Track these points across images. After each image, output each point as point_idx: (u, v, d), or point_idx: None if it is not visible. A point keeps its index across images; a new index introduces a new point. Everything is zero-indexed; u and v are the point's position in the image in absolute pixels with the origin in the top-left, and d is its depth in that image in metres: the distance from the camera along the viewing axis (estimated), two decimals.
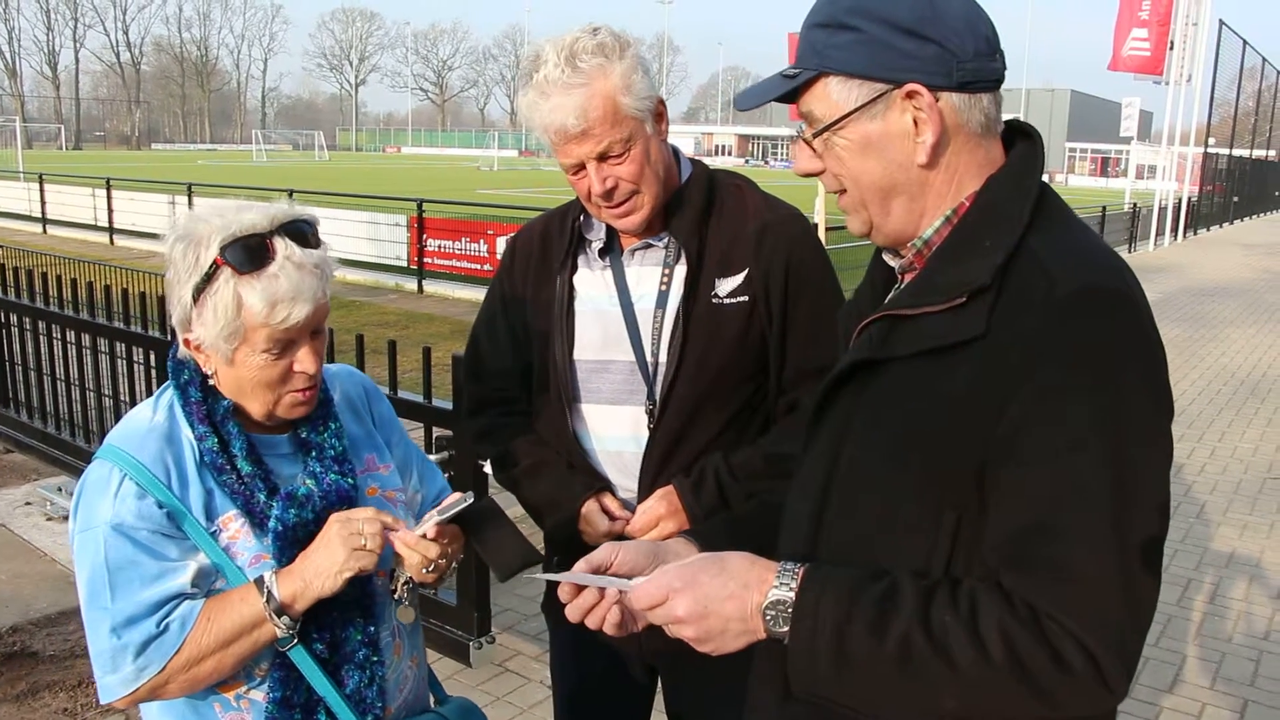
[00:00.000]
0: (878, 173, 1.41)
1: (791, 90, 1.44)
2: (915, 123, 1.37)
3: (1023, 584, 1.25)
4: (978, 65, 1.36)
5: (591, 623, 1.55)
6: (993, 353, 1.29)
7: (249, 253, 1.70)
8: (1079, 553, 1.23)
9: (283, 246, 1.72)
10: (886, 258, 1.54)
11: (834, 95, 1.40)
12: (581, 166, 2.06)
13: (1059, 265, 1.30)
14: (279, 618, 1.70)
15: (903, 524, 1.36)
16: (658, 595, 1.42)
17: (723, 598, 1.38)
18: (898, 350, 1.39)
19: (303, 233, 1.77)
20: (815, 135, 1.43)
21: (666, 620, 1.42)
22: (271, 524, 1.76)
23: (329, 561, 1.72)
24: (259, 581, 1.72)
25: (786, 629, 1.35)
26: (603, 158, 2.04)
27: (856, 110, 1.39)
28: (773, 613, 1.36)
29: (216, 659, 1.70)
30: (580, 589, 1.55)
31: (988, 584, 1.28)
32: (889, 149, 1.39)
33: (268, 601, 1.70)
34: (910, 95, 1.36)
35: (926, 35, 1.35)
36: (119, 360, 5.72)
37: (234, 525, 1.77)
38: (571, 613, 1.55)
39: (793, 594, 1.35)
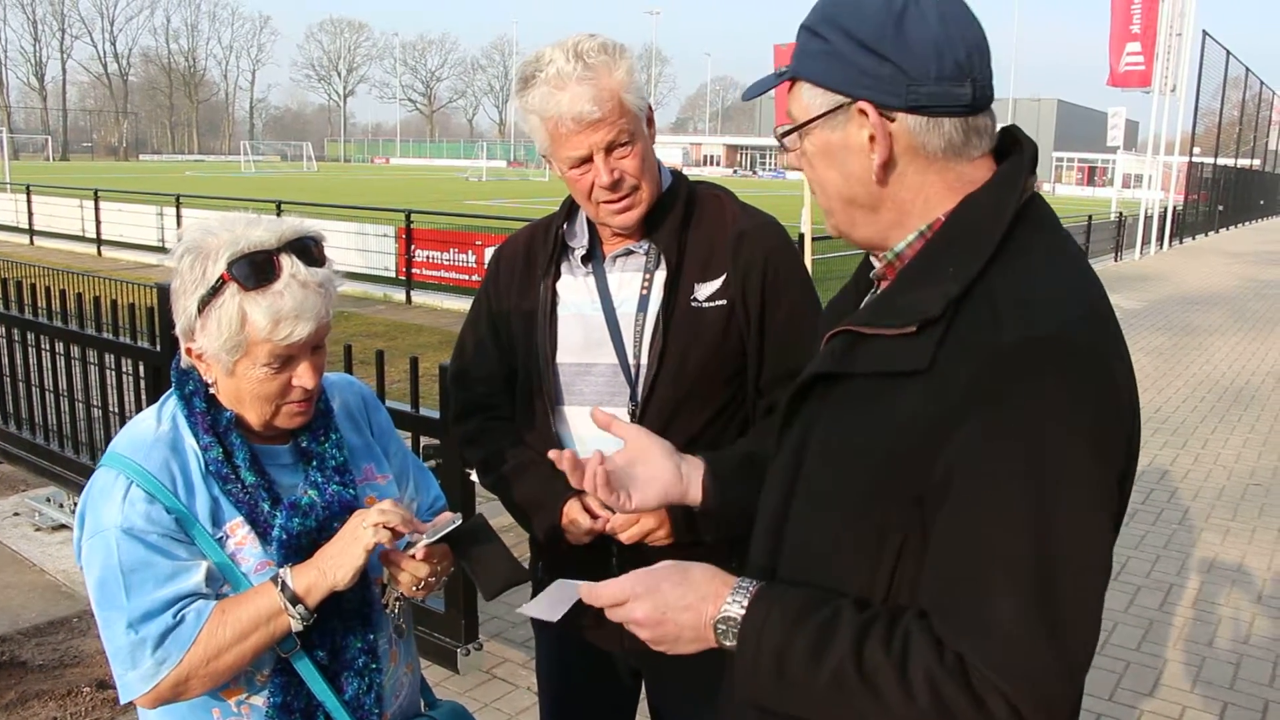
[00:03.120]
0: (838, 182, 1.43)
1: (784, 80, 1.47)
2: (871, 139, 1.37)
3: (950, 633, 1.26)
4: (937, 90, 1.33)
5: (589, 486, 1.84)
6: (934, 389, 1.28)
7: (256, 269, 1.72)
8: (1001, 606, 1.23)
9: (289, 264, 1.75)
10: (873, 259, 1.54)
11: (804, 99, 1.42)
12: (587, 160, 2.11)
13: (1010, 309, 1.28)
14: (294, 607, 1.73)
15: (852, 538, 1.38)
16: (619, 596, 1.48)
17: (680, 607, 1.43)
18: (855, 367, 1.39)
19: (308, 249, 1.79)
20: (785, 134, 1.45)
21: (624, 620, 1.48)
22: (276, 533, 1.79)
23: (347, 550, 1.75)
24: (274, 577, 1.76)
25: (734, 644, 1.40)
26: (610, 149, 2.10)
27: (819, 118, 1.40)
28: (723, 627, 1.41)
29: (236, 651, 1.72)
30: (580, 467, 1.84)
31: (923, 624, 1.29)
32: (847, 161, 1.40)
33: (282, 591, 1.73)
34: (862, 113, 1.36)
35: (883, 54, 1.33)
36: (108, 371, 5.72)
37: (240, 532, 1.81)
38: (575, 479, 1.85)
39: (743, 611, 1.39)
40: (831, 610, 1.34)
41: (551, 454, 1.91)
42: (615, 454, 1.91)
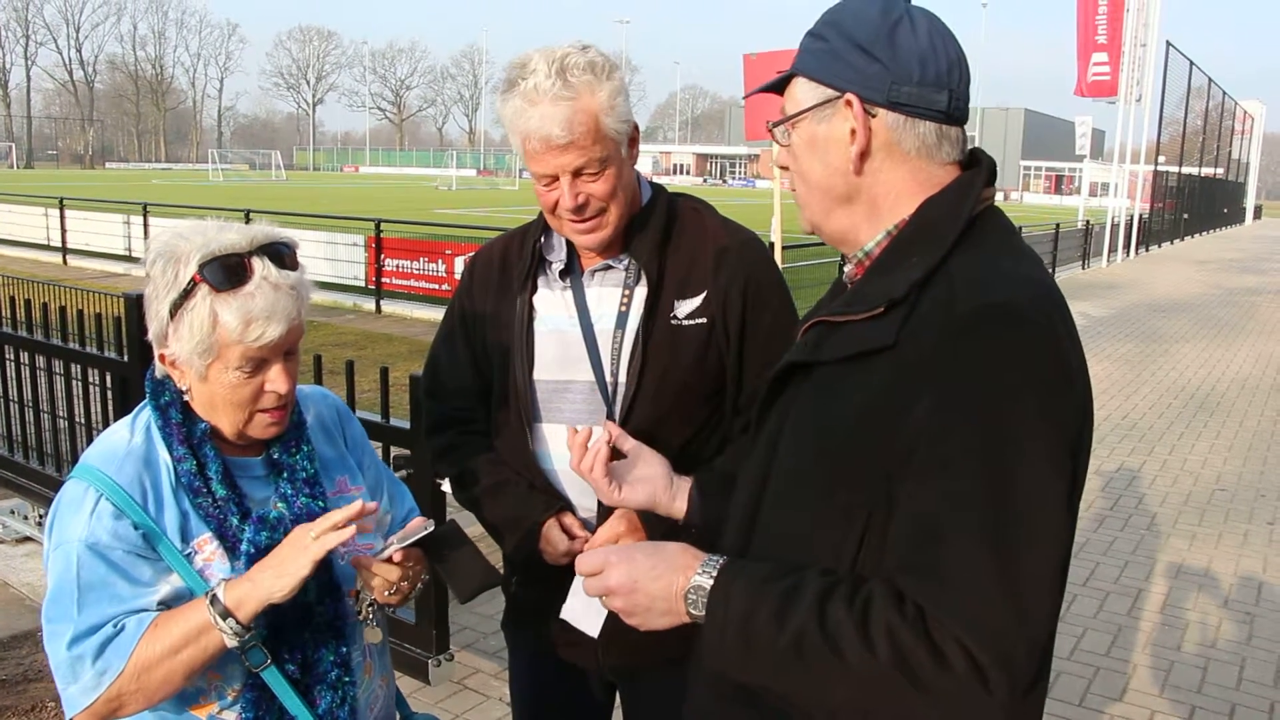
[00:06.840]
0: (818, 172, 1.55)
1: (780, 83, 1.60)
2: (853, 132, 1.49)
3: (913, 586, 1.33)
4: (918, 92, 1.47)
5: (585, 466, 1.99)
6: (898, 364, 1.39)
7: (227, 271, 1.73)
8: (959, 558, 1.30)
9: (260, 266, 1.75)
10: (845, 267, 1.64)
11: (798, 94, 1.55)
12: (555, 179, 2.07)
13: (965, 283, 1.40)
14: (224, 621, 1.69)
15: (821, 517, 1.46)
16: (596, 564, 1.57)
17: (652, 577, 1.52)
18: (826, 354, 1.49)
19: (280, 254, 1.80)
20: (775, 125, 1.58)
21: (599, 589, 1.56)
22: (243, 546, 1.78)
23: (289, 560, 1.72)
24: (207, 591, 1.73)
25: (703, 613, 1.46)
26: (578, 173, 2.05)
27: (809, 110, 1.53)
28: (693, 597, 1.48)
29: (166, 668, 1.69)
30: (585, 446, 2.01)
31: (885, 585, 1.36)
32: (829, 152, 1.52)
33: (212, 604, 1.70)
34: (848, 104, 1.48)
35: (874, 54, 1.47)
36: (74, 382, 5.66)
37: (209, 548, 1.79)
38: (576, 458, 2.01)
39: (711, 581, 1.47)
40: (797, 577, 1.42)
41: (569, 430, 2.06)
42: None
